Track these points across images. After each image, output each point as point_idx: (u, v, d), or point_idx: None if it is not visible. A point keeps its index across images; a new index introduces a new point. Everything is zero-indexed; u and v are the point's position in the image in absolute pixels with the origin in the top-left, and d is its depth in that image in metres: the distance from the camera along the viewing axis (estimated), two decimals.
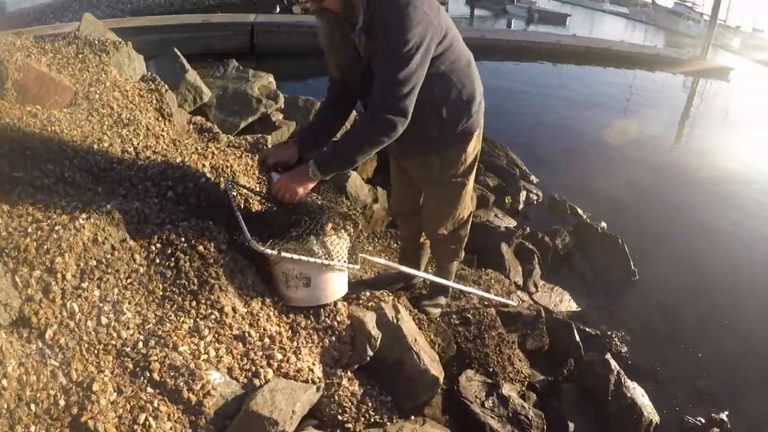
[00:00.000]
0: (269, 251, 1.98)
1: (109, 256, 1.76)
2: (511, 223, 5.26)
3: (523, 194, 5.92)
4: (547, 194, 6.24)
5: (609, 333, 4.20)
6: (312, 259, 2.09)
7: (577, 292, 4.64)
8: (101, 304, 1.64)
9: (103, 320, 1.61)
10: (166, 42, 6.49)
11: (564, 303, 4.43)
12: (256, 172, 3.15)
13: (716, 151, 9.41)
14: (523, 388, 3.25)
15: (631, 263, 5.01)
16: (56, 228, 1.72)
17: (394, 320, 2.44)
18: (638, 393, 3.40)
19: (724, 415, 3.67)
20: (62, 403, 1.43)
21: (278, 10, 15.84)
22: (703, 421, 3.62)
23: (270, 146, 3.38)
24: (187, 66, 4.75)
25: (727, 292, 5.03)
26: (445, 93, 2.37)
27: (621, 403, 3.30)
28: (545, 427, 2.90)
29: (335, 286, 2.28)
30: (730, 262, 5.56)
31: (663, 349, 4.23)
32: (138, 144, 2.61)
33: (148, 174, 2.35)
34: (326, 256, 2.17)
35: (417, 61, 2.06)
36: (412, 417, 2.49)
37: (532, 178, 6.57)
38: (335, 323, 2.21)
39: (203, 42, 11.38)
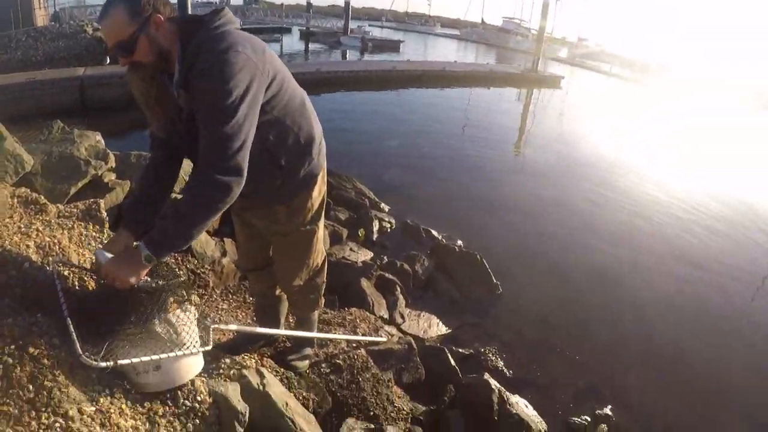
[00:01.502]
0: (103, 364, 1.87)
1: None
2: (368, 255, 5.43)
3: (375, 224, 6.14)
4: (399, 220, 6.53)
5: (482, 350, 4.47)
6: (155, 357, 2.02)
7: (445, 314, 4.89)
8: None
9: None
10: None
11: (433, 328, 4.65)
12: (93, 243, 3.04)
13: (555, 153, 10.37)
14: (408, 425, 3.36)
15: (493, 277, 5.38)
16: None
17: (260, 387, 2.43)
18: (522, 406, 3.64)
19: (608, 410, 4.04)
20: None
21: (108, 61, 15.26)
22: (589, 419, 3.95)
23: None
24: (5, 133, 4.45)
25: (589, 291, 5.58)
26: (282, 139, 2.30)
27: (509, 421, 3.51)
28: None
29: (189, 363, 2.22)
30: (587, 260, 6.16)
31: (539, 356, 4.57)
32: None
33: None
34: (173, 336, 2.14)
35: (244, 111, 1.95)
36: None
37: (383, 206, 6.83)
38: (196, 404, 2.15)
39: (31, 101, 10.89)
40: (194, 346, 2.22)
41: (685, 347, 4.84)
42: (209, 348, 2.33)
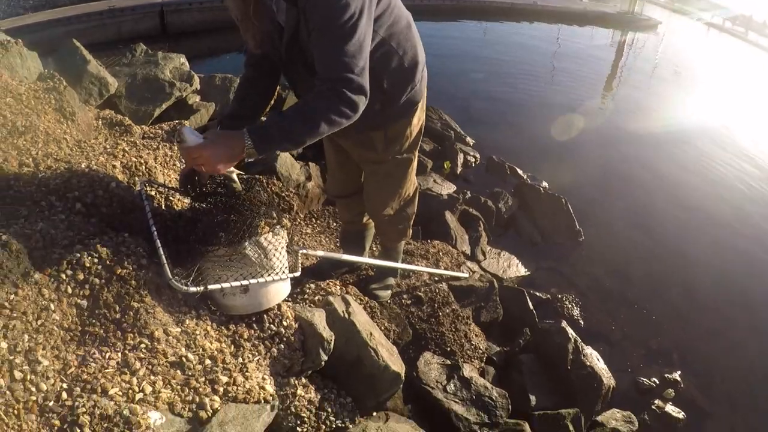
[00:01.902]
0: (193, 289, 1.78)
1: (12, 296, 1.53)
2: (451, 188, 5.18)
3: (460, 157, 5.84)
4: (484, 156, 6.18)
5: (560, 296, 4.24)
6: (245, 282, 1.92)
7: (525, 255, 4.65)
8: (11, 357, 1.42)
9: (17, 375, 1.40)
10: (72, 34, 6.00)
11: (513, 268, 4.43)
12: (177, 163, 2.92)
13: (644, 106, 9.53)
14: (482, 364, 3.22)
15: (576, 223, 5.04)
16: None
17: (346, 315, 2.32)
18: (594, 359, 3.44)
19: (677, 375, 3.78)
20: None
21: None
22: (657, 381, 3.72)
23: None
24: (89, 57, 4.38)
25: (673, 250, 5.15)
26: (386, 61, 2.11)
27: (581, 372, 3.33)
28: (510, 406, 2.88)
29: (277, 287, 2.10)
30: (675, 218, 5.68)
31: (614, 309, 4.31)
32: (37, 153, 2.31)
33: (51, 187, 2.08)
34: (262, 259, 2.00)
35: (363, 27, 1.77)
36: (374, 414, 2.41)
37: (468, 139, 6.47)
38: (282, 329, 2.06)
39: (112, 29, 10.84)
40: (283, 272, 2.11)
41: (763, 329, 4.42)
42: (298, 274, 2.22)
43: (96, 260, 1.75)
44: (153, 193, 2.38)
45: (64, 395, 1.42)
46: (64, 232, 1.84)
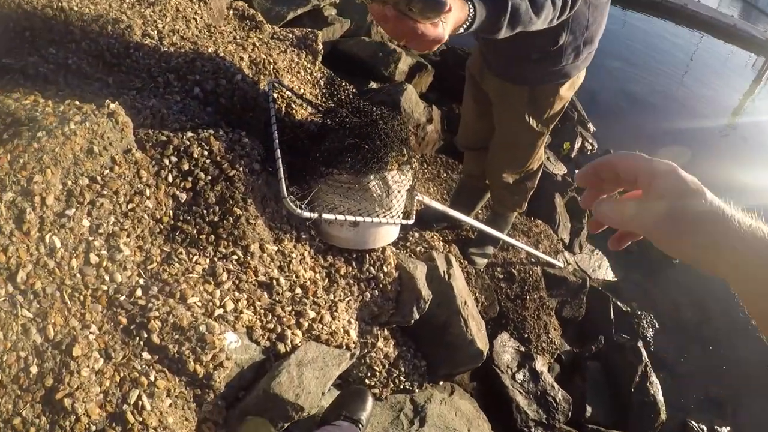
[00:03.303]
0: (307, 214, 1.49)
1: (107, 171, 1.23)
2: (562, 170, 4.64)
3: (578, 141, 5.24)
4: (602, 146, 5.54)
5: (639, 313, 3.77)
6: (359, 218, 1.60)
7: (617, 261, 4.12)
8: (91, 238, 1.14)
9: (93, 258, 1.12)
10: None
11: (602, 270, 3.94)
12: (302, 71, 2.55)
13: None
14: (552, 360, 2.86)
15: None
16: (39, 135, 1.16)
17: (446, 276, 1.99)
18: (658, 388, 3.04)
19: (725, 430, 3.29)
20: (34, 370, 0.99)
21: None
22: (705, 429, 3.26)
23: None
24: None
25: None
26: (574, 18, 1.80)
27: (642, 399, 2.94)
28: (570, 413, 2.51)
29: (387, 230, 1.78)
30: None
31: (686, 343, 3.81)
32: (163, 28, 2.00)
33: (172, 64, 1.79)
34: (383, 197, 1.66)
35: None
36: (441, 383, 2.11)
37: (590, 125, 5.82)
38: (381, 274, 1.73)
39: None
40: (399, 215, 1.78)
41: None
42: (411, 222, 1.89)
43: (206, 153, 1.44)
44: (277, 96, 2.05)
45: (139, 292, 1.13)
46: (176, 114, 1.54)
